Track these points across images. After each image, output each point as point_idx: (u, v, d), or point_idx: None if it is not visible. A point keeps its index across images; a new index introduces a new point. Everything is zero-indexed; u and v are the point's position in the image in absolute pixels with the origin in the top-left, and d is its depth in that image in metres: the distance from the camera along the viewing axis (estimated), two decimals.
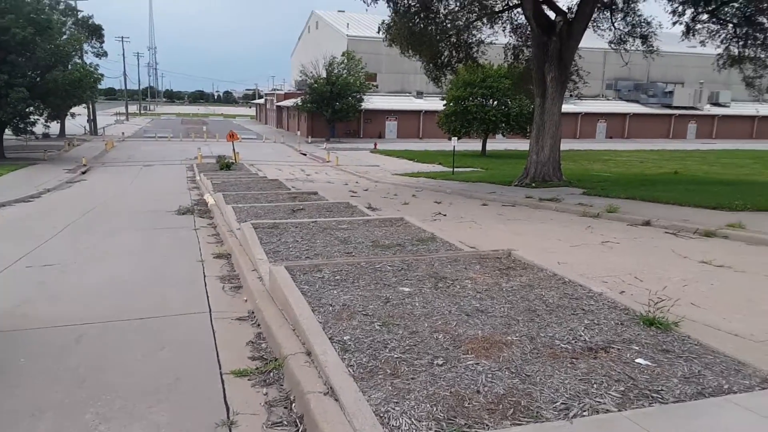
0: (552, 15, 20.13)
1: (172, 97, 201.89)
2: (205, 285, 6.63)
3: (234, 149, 30.26)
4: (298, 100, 52.84)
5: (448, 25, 22.63)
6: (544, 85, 19.75)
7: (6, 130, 31.03)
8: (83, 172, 27.07)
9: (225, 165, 26.02)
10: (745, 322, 5.10)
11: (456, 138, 29.69)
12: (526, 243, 8.75)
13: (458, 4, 22.50)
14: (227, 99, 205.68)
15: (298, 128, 57.80)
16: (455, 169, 26.73)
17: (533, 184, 19.29)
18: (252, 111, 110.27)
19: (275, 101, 72.48)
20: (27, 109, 29.30)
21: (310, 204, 12.15)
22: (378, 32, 21.97)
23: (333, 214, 10.72)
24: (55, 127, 42.57)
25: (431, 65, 24.35)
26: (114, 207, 15.24)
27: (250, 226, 8.43)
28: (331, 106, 49.61)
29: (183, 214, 13.16)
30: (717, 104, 66.12)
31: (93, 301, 6.06)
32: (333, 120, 50.86)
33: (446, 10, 22.65)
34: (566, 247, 8.67)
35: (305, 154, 40.97)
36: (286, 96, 65.76)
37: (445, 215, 12.61)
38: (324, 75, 50.15)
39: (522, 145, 42.72)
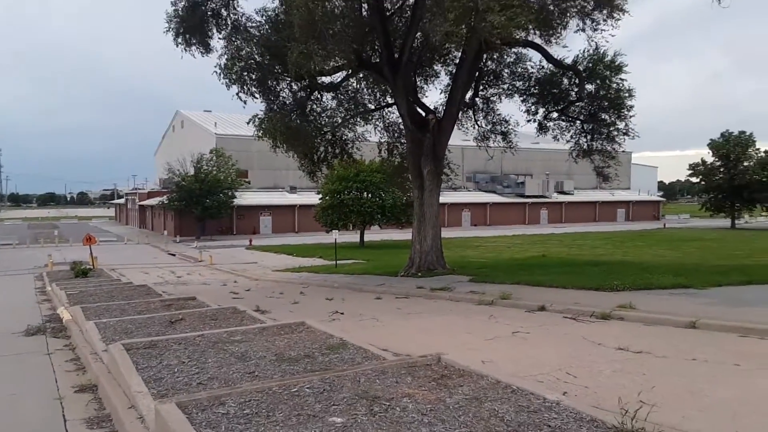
0: (423, 113, 21.16)
1: (18, 200, 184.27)
2: None
3: (91, 253, 27.31)
4: (164, 198, 50.30)
5: (324, 122, 22.93)
6: (421, 178, 20.31)
7: None
8: None
9: (81, 272, 23.20)
10: (706, 419, 4.85)
11: (336, 231, 29.46)
12: (438, 341, 8.20)
13: (335, 102, 23.03)
14: (82, 200, 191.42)
15: (165, 227, 54.57)
16: (338, 262, 26.19)
17: (419, 274, 19.22)
18: (111, 212, 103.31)
19: (137, 200, 68.41)
20: None
21: (190, 312, 10.75)
22: (248, 123, 21.49)
23: (220, 322, 9.47)
24: None
25: (307, 160, 24.27)
26: None
27: (120, 348, 7.01)
28: (201, 204, 47.78)
29: (32, 335, 11.01)
30: (562, 192, 73.88)
31: None
32: (203, 217, 48.80)
33: (320, 108, 23.04)
34: (480, 341, 8.24)
35: (174, 255, 38.32)
36: (150, 195, 62.49)
37: (342, 313, 11.80)
38: (192, 172, 48.53)
39: (397, 234, 43.70)
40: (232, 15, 20.11)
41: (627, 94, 20.15)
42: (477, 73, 21.39)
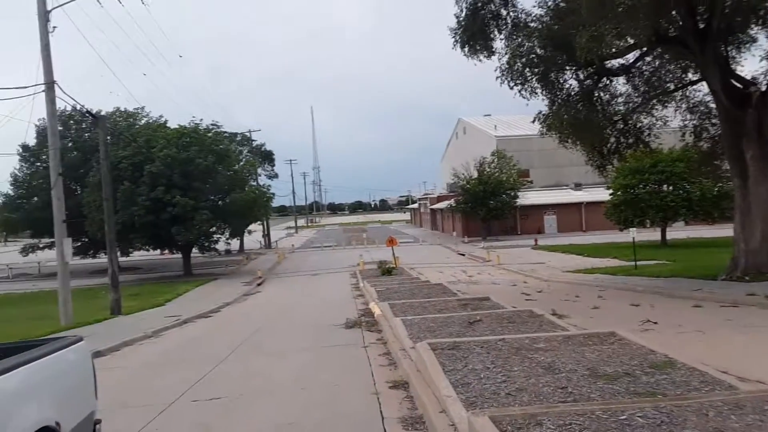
0: (740, 87, 17.66)
1: (335, 209, 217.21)
2: None
3: (394, 254, 30.12)
4: (452, 202, 53.02)
5: (614, 110, 21.02)
6: (742, 164, 16.94)
7: (192, 249, 34.23)
8: (259, 284, 28.44)
9: (386, 270, 25.76)
10: None
11: (634, 229, 26.73)
12: None
13: (629, 86, 20.91)
14: (383, 206, 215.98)
15: (453, 229, 57.46)
16: (638, 263, 23.64)
17: (747, 278, 15.99)
18: (407, 216, 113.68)
19: (429, 205, 73.76)
20: (210, 229, 32.22)
21: (487, 313, 10.69)
22: (533, 121, 20.94)
23: (518, 326, 9.15)
24: (235, 243, 46.61)
25: (595, 153, 22.53)
26: (283, 321, 15.09)
27: (427, 348, 7.21)
28: (485, 205, 48.91)
29: (350, 328, 12.41)
30: None
31: None
32: (488, 218, 49.90)
33: (609, 96, 21.18)
34: None
35: (463, 255, 39.90)
36: (439, 199, 66.65)
37: (656, 323, 10.33)
38: (475, 175, 50.07)
39: (707, 231, 37.69)
40: (511, 13, 19.90)
41: None
42: None
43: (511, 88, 19.53)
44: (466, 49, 19.92)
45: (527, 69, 19.45)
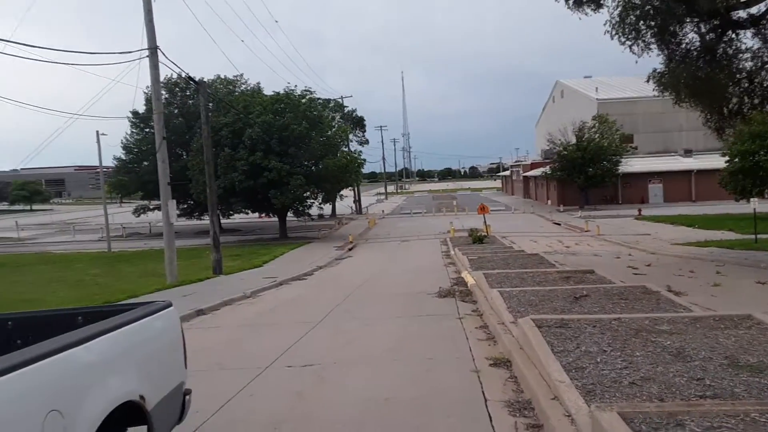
0: None
1: (424, 175, 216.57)
2: (490, 419, 4.89)
3: (485, 222, 29.28)
4: (547, 169, 50.80)
5: (740, 67, 18.80)
6: None
7: (288, 213, 35.17)
8: (350, 249, 28.75)
9: (477, 238, 25.08)
10: None
11: (755, 199, 24.21)
12: None
13: (758, 40, 18.54)
14: (473, 173, 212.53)
15: (548, 197, 55.24)
16: (758, 236, 21.38)
17: None
18: (497, 183, 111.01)
19: (521, 172, 71.31)
20: (304, 194, 32.86)
21: (593, 288, 9.88)
22: (647, 81, 19.21)
23: (631, 303, 8.31)
24: (327, 208, 47.51)
25: (715, 115, 20.40)
26: (375, 287, 14.96)
27: (531, 325, 6.64)
28: (584, 173, 46.38)
29: (443, 297, 12.01)
30: None
31: None
32: (586, 186, 47.36)
33: (733, 50, 18.91)
34: None
35: (559, 224, 38.20)
36: (533, 166, 64.20)
37: None
38: (573, 141, 47.47)
39: None
40: None
41: None
42: None
43: (622, 44, 17.95)
44: (571, 2, 18.41)
45: (641, 22, 17.74)
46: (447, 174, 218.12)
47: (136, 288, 16.16)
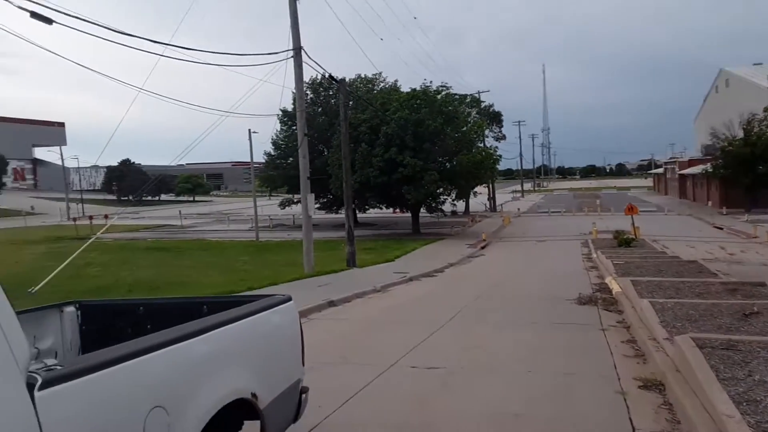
0: None
1: (564, 173, 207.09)
2: None
3: (633, 223, 26.92)
4: (708, 166, 45.64)
5: None
6: None
7: (421, 209, 35.25)
8: (482, 247, 28.07)
9: (624, 241, 23.10)
10: None
11: None
12: None
13: None
14: (620, 171, 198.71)
15: (708, 198, 49.73)
16: None
17: None
18: (648, 182, 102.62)
19: (677, 169, 64.95)
20: (437, 190, 32.69)
21: (766, 304, 8.45)
22: None
23: None
24: (460, 205, 46.99)
25: None
26: (507, 289, 14.29)
27: (691, 344, 5.72)
28: (752, 171, 41.01)
29: (584, 305, 11.06)
30: None
31: None
32: (754, 187, 41.84)
33: None
34: None
35: (721, 228, 34.09)
36: (690, 163, 58.19)
37: None
38: (741, 135, 42.13)
39: None
40: None
41: None
42: None
43: None
44: None
45: None
46: (590, 171, 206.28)
47: (277, 276, 17.00)
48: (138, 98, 19.19)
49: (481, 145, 40.43)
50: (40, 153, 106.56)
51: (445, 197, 35.21)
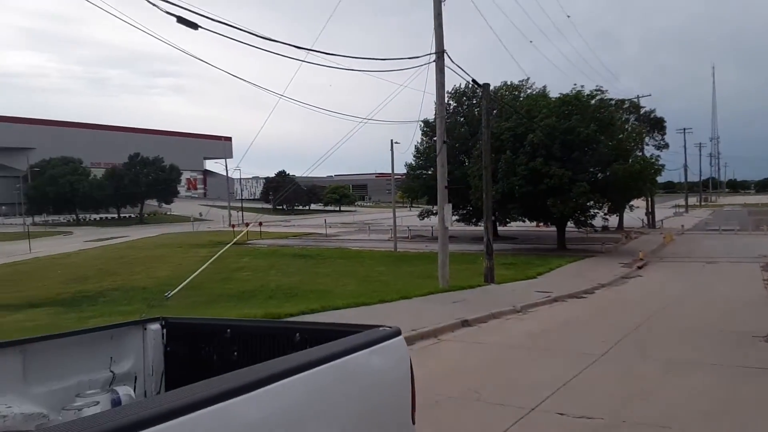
0: None
1: (736, 186, 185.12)
2: None
3: None
4: None
5: None
6: None
7: (567, 223, 32.77)
8: (639, 267, 25.20)
9: None
10: None
11: None
12: None
13: None
14: None
15: None
16: None
17: None
18: None
19: None
20: (588, 203, 30.12)
21: None
22: None
23: None
24: (613, 219, 43.19)
25: None
26: (674, 318, 12.21)
27: None
28: None
29: None
30: None
31: None
32: None
33: None
34: None
35: None
36: None
37: None
38: None
39: None
40: None
41: None
42: None
43: None
44: None
45: None
46: (767, 185, 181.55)
47: (410, 289, 16.39)
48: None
49: (640, 153, 36.77)
50: (210, 165, 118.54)
51: (596, 211, 32.38)
